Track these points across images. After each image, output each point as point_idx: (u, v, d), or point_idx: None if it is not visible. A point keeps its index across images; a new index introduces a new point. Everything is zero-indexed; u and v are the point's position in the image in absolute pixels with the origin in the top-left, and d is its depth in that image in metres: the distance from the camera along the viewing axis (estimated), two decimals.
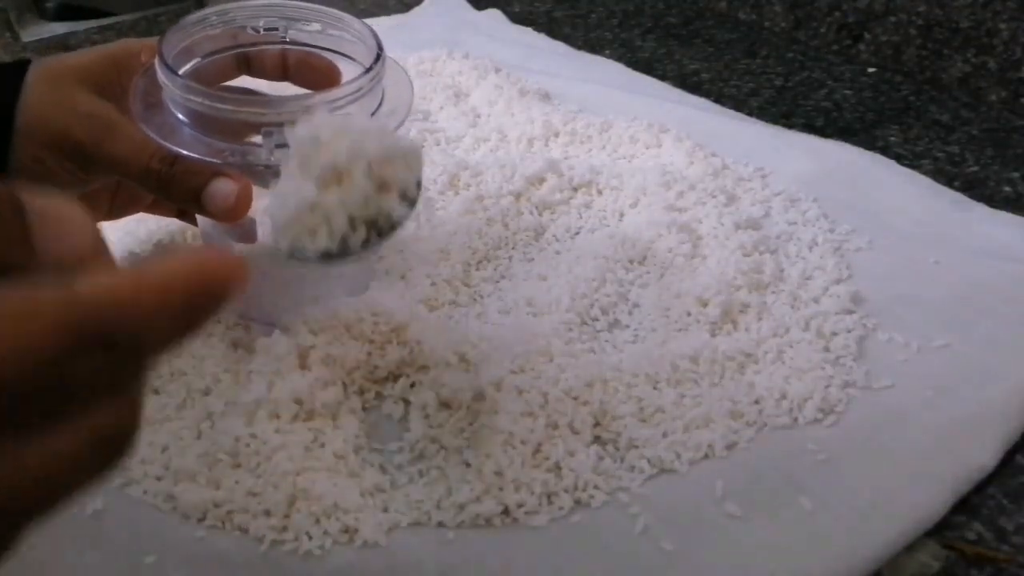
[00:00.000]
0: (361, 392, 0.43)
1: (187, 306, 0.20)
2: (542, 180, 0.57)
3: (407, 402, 0.42)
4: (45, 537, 0.32)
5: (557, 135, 0.62)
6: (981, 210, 0.56)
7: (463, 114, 0.65)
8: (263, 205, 0.39)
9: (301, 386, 0.40)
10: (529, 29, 0.84)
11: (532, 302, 0.48)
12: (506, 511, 0.37)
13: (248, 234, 0.43)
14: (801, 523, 0.37)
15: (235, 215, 0.40)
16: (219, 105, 0.38)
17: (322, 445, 0.39)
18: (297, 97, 0.40)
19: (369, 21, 0.44)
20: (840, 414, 0.42)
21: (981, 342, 0.46)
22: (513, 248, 0.53)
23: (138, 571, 0.35)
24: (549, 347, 0.44)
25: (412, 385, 0.43)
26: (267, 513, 0.36)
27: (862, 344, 0.46)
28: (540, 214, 0.55)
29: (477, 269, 0.51)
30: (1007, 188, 0.60)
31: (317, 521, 0.36)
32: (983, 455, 0.40)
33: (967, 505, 0.38)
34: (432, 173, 0.57)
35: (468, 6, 0.88)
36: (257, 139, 0.39)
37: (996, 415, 0.41)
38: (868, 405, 0.42)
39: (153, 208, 0.49)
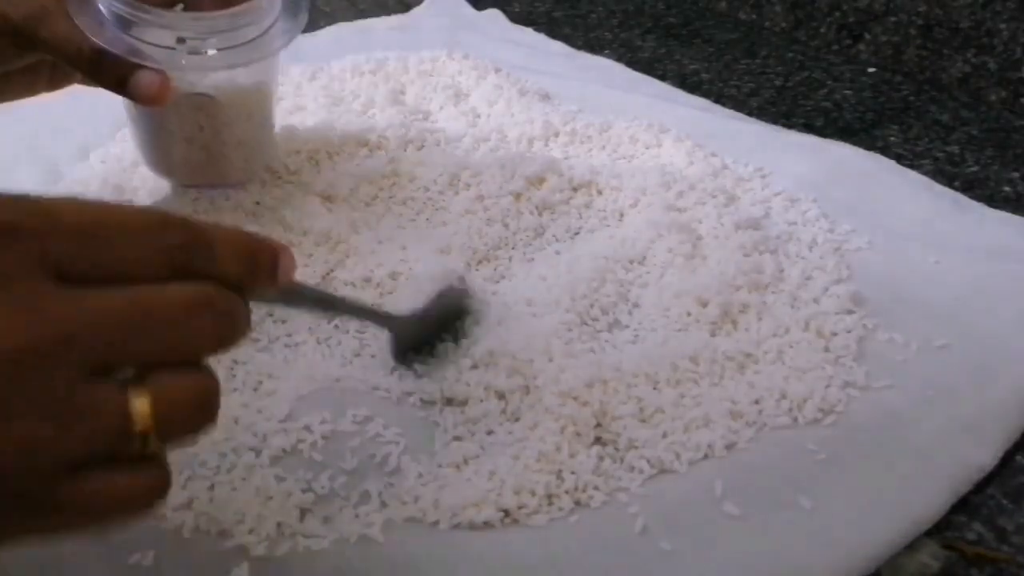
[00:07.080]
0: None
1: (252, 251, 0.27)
2: (542, 180, 0.56)
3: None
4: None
5: (557, 135, 0.62)
6: (981, 210, 0.56)
7: (463, 114, 0.65)
8: None
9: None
10: (529, 29, 0.84)
11: (532, 302, 0.48)
12: (507, 514, 0.37)
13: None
14: (801, 523, 0.37)
15: (157, 102, 0.46)
16: (138, 14, 0.45)
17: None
18: (206, 14, 0.46)
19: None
20: (840, 414, 0.42)
21: (981, 342, 0.46)
22: (513, 248, 0.53)
23: (137, 571, 0.35)
24: (549, 347, 0.44)
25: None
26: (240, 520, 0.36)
27: (862, 344, 0.45)
28: (540, 214, 0.55)
29: (477, 269, 0.51)
30: (1007, 188, 0.60)
31: (325, 522, 0.36)
32: (983, 455, 0.40)
33: (967, 505, 0.38)
34: (432, 173, 0.57)
35: (468, 6, 0.88)
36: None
37: (996, 415, 0.41)
38: (868, 405, 0.42)
39: (88, 82, 0.52)
